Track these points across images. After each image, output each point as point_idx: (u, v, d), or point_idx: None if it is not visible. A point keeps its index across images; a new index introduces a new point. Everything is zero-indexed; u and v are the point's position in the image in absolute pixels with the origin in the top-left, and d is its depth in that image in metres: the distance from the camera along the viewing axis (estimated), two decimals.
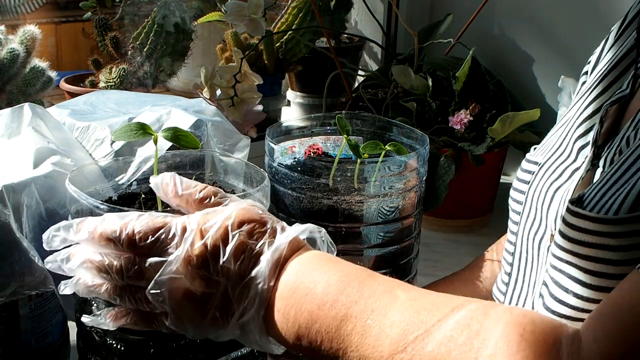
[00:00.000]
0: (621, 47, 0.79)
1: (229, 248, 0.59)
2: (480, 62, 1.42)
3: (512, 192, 0.84)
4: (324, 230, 0.64)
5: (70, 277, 0.65)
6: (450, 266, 1.06)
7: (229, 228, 0.60)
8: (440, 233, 1.35)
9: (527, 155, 0.84)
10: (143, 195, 0.77)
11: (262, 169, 0.79)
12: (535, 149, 0.86)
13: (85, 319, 0.65)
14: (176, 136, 0.71)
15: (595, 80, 0.79)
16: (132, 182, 0.80)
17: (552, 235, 0.72)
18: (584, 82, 0.86)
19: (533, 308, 0.72)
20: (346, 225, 0.86)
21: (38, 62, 1.24)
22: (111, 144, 0.86)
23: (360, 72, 1.71)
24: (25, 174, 0.76)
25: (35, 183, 0.75)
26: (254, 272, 0.59)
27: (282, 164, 0.89)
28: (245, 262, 0.59)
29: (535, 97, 1.54)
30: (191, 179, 0.81)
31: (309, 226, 0.63)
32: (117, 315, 0.64)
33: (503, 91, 1.40)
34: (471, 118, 1.31)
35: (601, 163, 0.70)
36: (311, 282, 0.58)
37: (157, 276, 0.59)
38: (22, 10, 1.68)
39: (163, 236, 0.61)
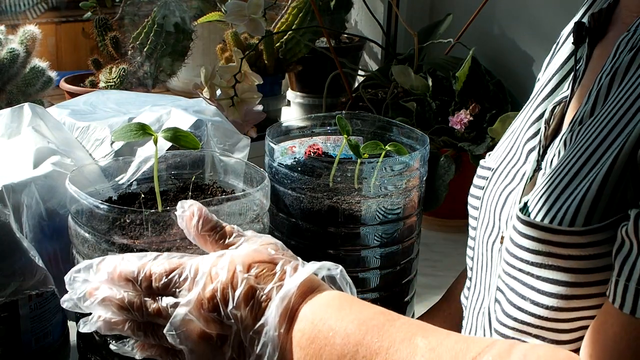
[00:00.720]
0: (565, 47, 0.80)
1: (237, 293, 0.59)
2: (480, 62, 1.42)
3: (469, 199, 0.85)
4: (340, 267, 0.63)
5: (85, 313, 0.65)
6: (450, 266, 1.06)
7: (237, 272, 0.60)
8: (440, 233, 1.35)
9: (481, 162, 0.85)
10: (143, 195, 0.77)
11: (262, 169, 0.79)
12: (489, 155, 0.86)
13: (113, 347, 0.66)
14: (176, 136, 0.71)
15: (543, 84, 0.80)
16: (132, 182, 0.80)
17: (502, 238, 0.73)
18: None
19: (489, 313, 0.72)
20: (346, 226, 0.86)
21: (38, 62, 1.24)
22: (111, 144, 0.86)
23: (360, 72, 1.71)
24: (25, 174, 0.76)
25: (35, 183, 0.75)
26: (263, 319, 0.59)
27: (282, 164, 0.89)
28: (255, 307, 0.59)
29: None
30: (191, 179, 0.81)
31: (325, 264, 0.62)
32: (144, 347, 0.65)
33: (503, 91, 1.40)
34: (471, 118, 1.31)
35: (543, 165, 0.71)
36: (329, 331, 0.57)
37: (171, 318, 0.60)
38: (28, 15, 1.68)
39: (176, 278, 0.61)
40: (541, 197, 0.63)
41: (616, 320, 0.55)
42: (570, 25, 0.83)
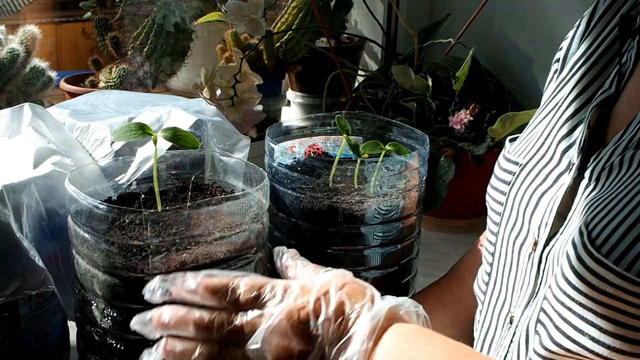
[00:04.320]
0: (600, 37, 0.76)
1: (330, 305, 0.60)
2: (480, 62, 1.42)
3: (490, 191, 0.82)
4: (420, 306, 0.64)
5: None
6: (450, 266, 1.06)
7: (331, 287, 0.61)
8: (440, 233, 1.35)
9: (505, 154, 0.82)
10: (143, 196, 0.77)
11: (261, 169, 0.79)
12: (511, 140, 0.83)
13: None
14: (176, 136, 0.71)
15: (574, 73, 0.77)
16: (132, 182, 0.80)
17: (535, 243, 0.71)
18: (556, 70, 0.83)
19: (527, 330, 0.69)
20: (346, 226, 0.86)
21: (38, 62, 1.25)
22: (111, 144, 0.86)
23: (360, 72, 1.71)
24: (25, 174, 0.76)
25: (35, 183, 0.75)
26: (350, 333, 0.59)
27: (282, 164, 0.89)
28: (344, 323, 0.59)
29: (535, 97, 1.54)
30: (191, 179, 0.81)
31: (407, 300, 0.63)
32: None
33: (503, 91, 1.40)
34: (471, 118, 1.31)
35: (587, 175, 0.68)
36: (414, 358, 0.58)
37: (260, 326, 0.59)
38: (13, 7, 1.68)
39: (267, 291, 0.61)
40: (613, 231, 0.59)
41: None
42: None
